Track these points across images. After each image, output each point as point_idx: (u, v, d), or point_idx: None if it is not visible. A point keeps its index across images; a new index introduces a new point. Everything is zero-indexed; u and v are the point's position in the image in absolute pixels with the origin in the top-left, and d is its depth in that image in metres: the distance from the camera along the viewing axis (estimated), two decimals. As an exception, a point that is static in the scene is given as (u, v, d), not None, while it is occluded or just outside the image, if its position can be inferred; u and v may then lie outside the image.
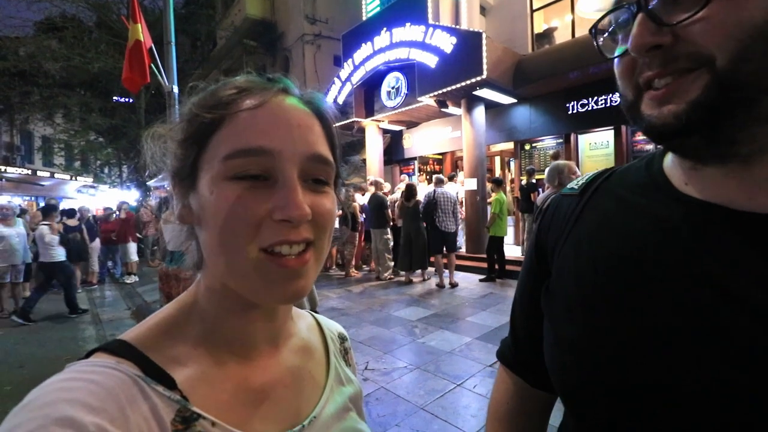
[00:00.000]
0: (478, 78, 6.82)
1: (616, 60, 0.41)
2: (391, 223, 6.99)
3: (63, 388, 0.31)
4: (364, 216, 7.36)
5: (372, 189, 7.21)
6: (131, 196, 14.55)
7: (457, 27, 7.57)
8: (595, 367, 0.40)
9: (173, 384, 0.36)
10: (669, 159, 0.45)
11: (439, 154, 10.40)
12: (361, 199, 7.59)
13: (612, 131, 7.07)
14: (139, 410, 0.33)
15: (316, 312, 0.62)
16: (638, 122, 0.39)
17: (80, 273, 6.99)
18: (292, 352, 0.49)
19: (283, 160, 0.37)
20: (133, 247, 8.13)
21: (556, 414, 0.57)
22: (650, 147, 6.58)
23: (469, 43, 6.97)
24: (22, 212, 7.83)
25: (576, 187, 0.54)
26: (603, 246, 0.45)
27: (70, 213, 7.36)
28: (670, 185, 0.43)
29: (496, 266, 6.52)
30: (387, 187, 7.56)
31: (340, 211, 7.48)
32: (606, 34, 0.41)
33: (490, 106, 7.95)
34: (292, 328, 0.52)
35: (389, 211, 6.90)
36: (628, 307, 0.40)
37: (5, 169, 20.34)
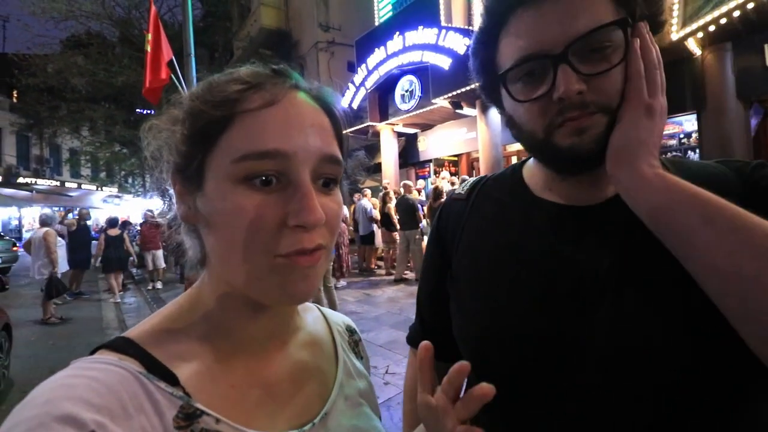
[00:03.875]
0: (479, 80, 6.76)
1: (525, 104, 0.50)
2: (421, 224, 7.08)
3: (65, 385, 0.30)
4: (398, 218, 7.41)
5: (400, 191, 7.28)
6: (154, 204, 14.96)
7: (470, 28, 7.53)
8: (491, 326, 0.54)
9: (176, 381, 0.36)
10: (527, 172, 0.62)
11: (454, 155, 10.33)
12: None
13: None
14: (141, 407, 0.32)
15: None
16: (551, 152, 0.50)
17: (114, 282, 7.18)
18: (299, 347, 0.48)
19: (297, 163, 0.36)
20: (161, 253, 8.34)
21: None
22: (673, 142, 6.38)
23: (482, 43, 6.92)
24: (125, 225, 8.15)
25: (462, 191, 0.68)
26: (489, 237, 0.59)
27: (111, 222, 7.61)
28: (530, 191, 0.59)
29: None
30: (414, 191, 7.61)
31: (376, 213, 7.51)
32: (515, 81, 0.50)
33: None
34: (299, 322, 0.51)
35: (420, 213, 6.95)
36: (509, 281, 0.54)
37: (35, 181, 21.26)
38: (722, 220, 0.41)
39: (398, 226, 7.16)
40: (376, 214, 7.80)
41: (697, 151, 6.02)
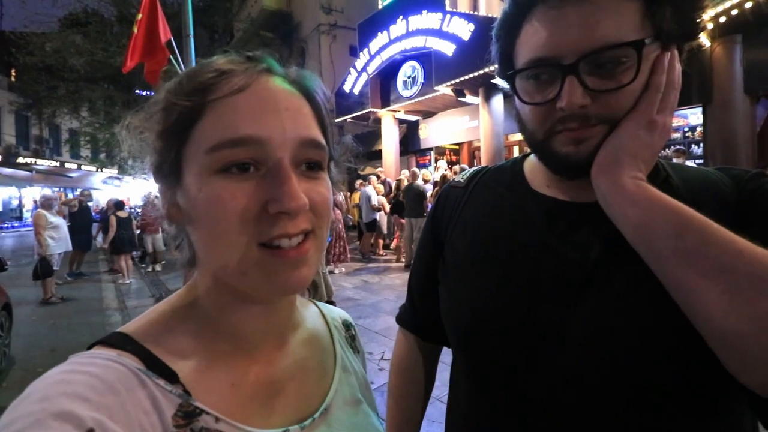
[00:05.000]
0: (498, 65, 6.68)
1: (529, 106, 0.51)
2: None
3: (63, 381, 0.30)
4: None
5: (408, 178, 7.26)
6: (155, 186, 14.87)
7: (476, 13, 7.40)
8: (479, 313, 0.55)
9: (175, 378, 0.35)
10: (528, 166, 0.63)
11: (455, 144, 10.27)
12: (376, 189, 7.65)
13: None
14: (140, 405, 0.32)
15: (332, 302, 0.61)
16: (549, 155, 0.52)
17: (124, 264, 7.15)
18: (298, 344, 0.48)
19: (273, 148, 0.35)
20: (161, 236, 8.31)
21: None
22: (677, 135, 6.32)
23: (488, 29, 6.69)
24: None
25: (462, 180, 0.69)
26: (483, 227, 0.61)
27: (119, 205, 7.54)
28: (527, 184, 0.60)
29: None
30: (424, 174, 7.56)
31: (378, 200, 7.49)
32: (524, 81, 0.51)
33: (509, 95, 7.70)
34: (298, 318, 0.50)
35: (426, 201, 6.94)
36: (499, 269, 0.55)
37: (35, 162, 21.16)
38: (693, 234, 0.41)
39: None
40: (381, 200, 7.79)
41: (701, 145, 5.98)
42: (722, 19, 4.72)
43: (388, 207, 7.81)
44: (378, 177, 8.46)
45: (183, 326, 0.40)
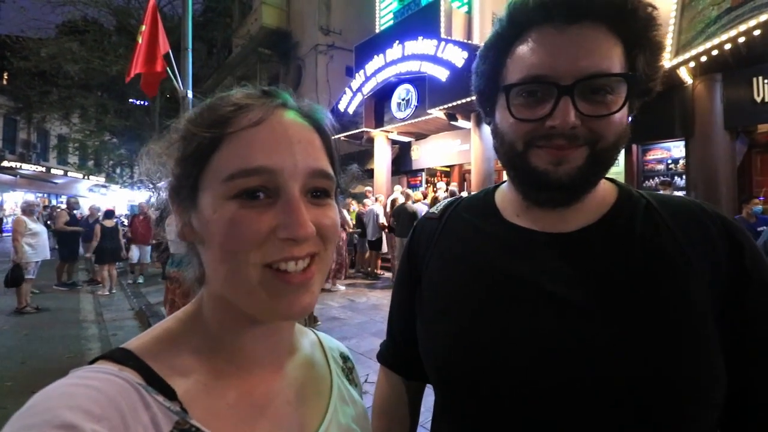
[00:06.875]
0: (478, 82, 6.85)
1: (516, 119, 0.51)
2: None
3: (65, 394, 0.30)
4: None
5: (401, 198, 7.30)
6: (142, 196, 14.72)
7: (469, 42, 7.64)
8: (456, 349, 0.54)
9: (173, 395, 0.36)
10: (499, 196, 0.63)
11: (447, 166, 10.39)
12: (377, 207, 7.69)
13: (623, 149, 7.03)
14: (139, 419, 0.32)
15: (315, 321, 0.61)
16: (526, 170, 0.52)
17: (107, 274, 6.98)
18: (296, 369, 0.48)
19: (285, 178, 0.37)
20: (149, 248, 8.15)
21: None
22: (661, 167, 6.51)
23: (480, 57, 7.00)
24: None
25: (436, 212, 0.69)
26: (459, 259, 0.60)
27: (108, 214, 7.39)
28: (500, 215, 0.60)
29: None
30: (415, 195, 7.61)
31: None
32: (516, 96, 0.51)
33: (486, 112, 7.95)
34: (296, 343, 0.51)
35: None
36: (476, 304, 0.54)
37: (20, 166, 20.74)
38: None
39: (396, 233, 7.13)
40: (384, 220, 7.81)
41: (684, 177, 6.16)
42: (703, 59, 4.95)
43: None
44: (366, 196, 8.51)
45: (186, 343, 0.41)
